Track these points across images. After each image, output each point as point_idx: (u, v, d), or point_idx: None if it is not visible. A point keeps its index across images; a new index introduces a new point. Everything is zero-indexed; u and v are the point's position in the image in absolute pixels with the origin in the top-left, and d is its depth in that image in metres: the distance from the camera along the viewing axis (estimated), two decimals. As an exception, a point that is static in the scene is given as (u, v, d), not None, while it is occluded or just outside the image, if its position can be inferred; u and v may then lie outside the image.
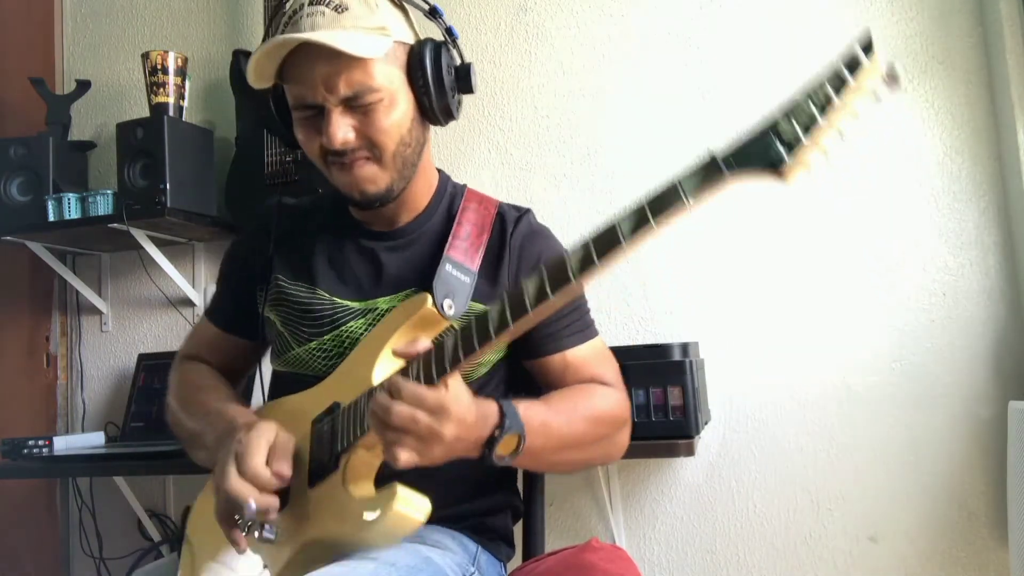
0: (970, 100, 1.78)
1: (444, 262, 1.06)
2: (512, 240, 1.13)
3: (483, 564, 1.11)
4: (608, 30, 2.04)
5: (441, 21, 1.12)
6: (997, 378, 1.73)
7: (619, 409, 1.09)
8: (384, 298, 1.11)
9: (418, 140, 1.08)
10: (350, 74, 0.99)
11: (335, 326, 1.11)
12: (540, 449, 0.94)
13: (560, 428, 0.97)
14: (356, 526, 0.88)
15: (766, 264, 1.88)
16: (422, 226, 1.15)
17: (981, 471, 1.73)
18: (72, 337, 2.42)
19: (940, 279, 1.78)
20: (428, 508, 0.87)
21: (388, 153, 1.04)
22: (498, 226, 1.15)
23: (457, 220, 1.13)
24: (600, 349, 1.15)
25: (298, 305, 1.13)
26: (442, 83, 1.06)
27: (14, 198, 2.13)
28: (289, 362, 1.14)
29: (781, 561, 1.83)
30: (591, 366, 1.11)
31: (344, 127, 1.01)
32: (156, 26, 2.42)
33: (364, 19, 1.01)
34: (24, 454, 1.91)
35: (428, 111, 1.07)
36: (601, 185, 2.02)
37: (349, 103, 1.01)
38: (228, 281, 1.26)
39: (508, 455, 0.90)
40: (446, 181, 1.21)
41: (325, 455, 0.97)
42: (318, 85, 1.00)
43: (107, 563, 2.26)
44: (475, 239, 1.12)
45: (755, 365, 1.87)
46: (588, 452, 1.05)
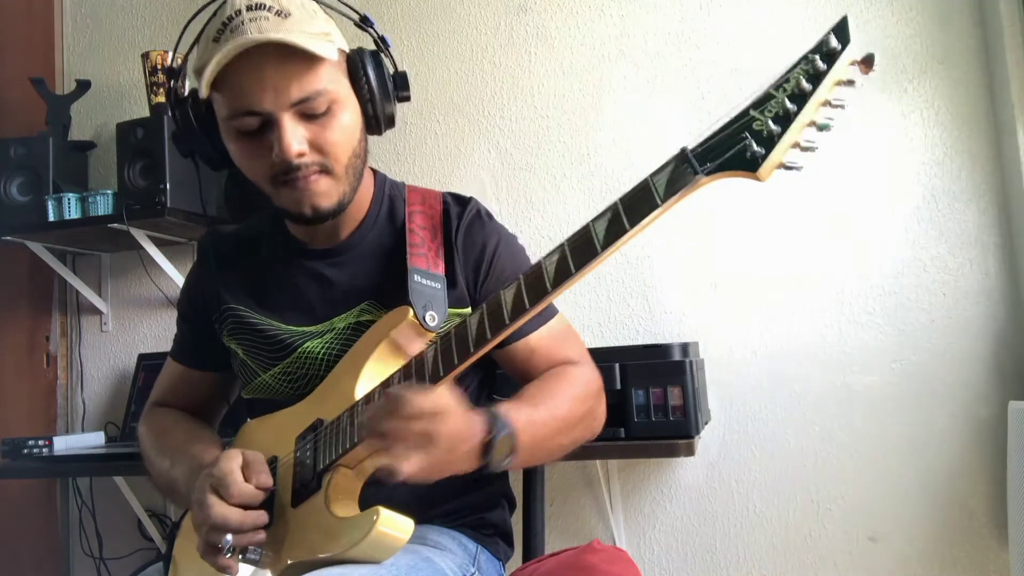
0: (970, 100, 1.78)
1: (411, 273, 1.03)
2: (456, 237, 1.10)
3: (483, 564, 1.11)
4: (608, 30, 2.04)
5: (374, 30, 1.08)
6: (997, 378, 1.73)
7: (592, 384, 1.08)
8: (339, 316, 1.09)
9: (365, 150, 1.06)
10: (301, 78, 0.95)
11: (293, 349, 1.09)
12: (531, 444, 0.93)
13: (544, 419, 0.96)
14: (339, 547, 0.87)
15: (766, 264, 1.88)
16: (365, 237, 1.12)
17: (981, 471, 1.73)
18: (72, 337, 2.42)
19: (940, 279, 1.78)
20: (411, 528, 0.86)
21: (341, 165, 1.01)
22: (446, 222, 1.12)
23: (408, 228, 1.09)
24: (562, 328, 1.13)
25: (256, 332, 1.12)
26: (386, 90, 1.04)
27: (14, 198, 2.13)
28: (257, 389, 1.13)
29: (781, 561, 1.83)
30: (556, 348, 1.10)
31: (297, 137, 0.96)
32: (156, 26, 2.42)
33: (307, 24, 0.97)
34: (24, 454, 1.91)
35: (371, 119, 1.04)
36: (601, 185, 2.02)
37: (300, 112, 0.97)
38: (186, 318, 1.24)
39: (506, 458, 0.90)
40: (383, 183, 1.17)
41: (308, 474, 0.96)
42: (267, 90, 0.95)
43: (107, 563, 2.26)
44: (431, 242, 1.09)
45: (755, 365, 1.87)
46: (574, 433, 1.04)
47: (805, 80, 0.65)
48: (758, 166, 0.66)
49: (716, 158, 0.68)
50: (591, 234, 0.75)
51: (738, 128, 0.67)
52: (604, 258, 0.74)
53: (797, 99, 0.65)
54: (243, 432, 1.14)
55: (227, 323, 1.15)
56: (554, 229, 2.03)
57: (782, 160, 0.66)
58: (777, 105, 0.65)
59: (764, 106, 0.66)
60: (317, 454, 0.96)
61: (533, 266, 0.80)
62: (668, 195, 0.70)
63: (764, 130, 0.65)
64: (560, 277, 0.77)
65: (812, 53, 0.65)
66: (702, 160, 0.69)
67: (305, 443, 0.99)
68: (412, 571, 0.93)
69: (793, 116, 0.64)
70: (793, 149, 0.66)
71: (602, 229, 0.74)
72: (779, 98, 0.65)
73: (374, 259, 1.10)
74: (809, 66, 0.65)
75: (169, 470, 1.09)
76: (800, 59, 0.66)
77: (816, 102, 0.65)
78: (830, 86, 0.65)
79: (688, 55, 1.97)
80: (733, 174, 0.68)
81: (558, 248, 0.78)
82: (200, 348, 1.22)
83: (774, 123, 0.65)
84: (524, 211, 2.07)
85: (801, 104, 0.65)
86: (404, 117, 2.16)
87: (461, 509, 1.12)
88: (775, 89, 0.66)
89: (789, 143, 0.65)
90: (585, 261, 0.75)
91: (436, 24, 2.17)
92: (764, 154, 0.66)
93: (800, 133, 0.65)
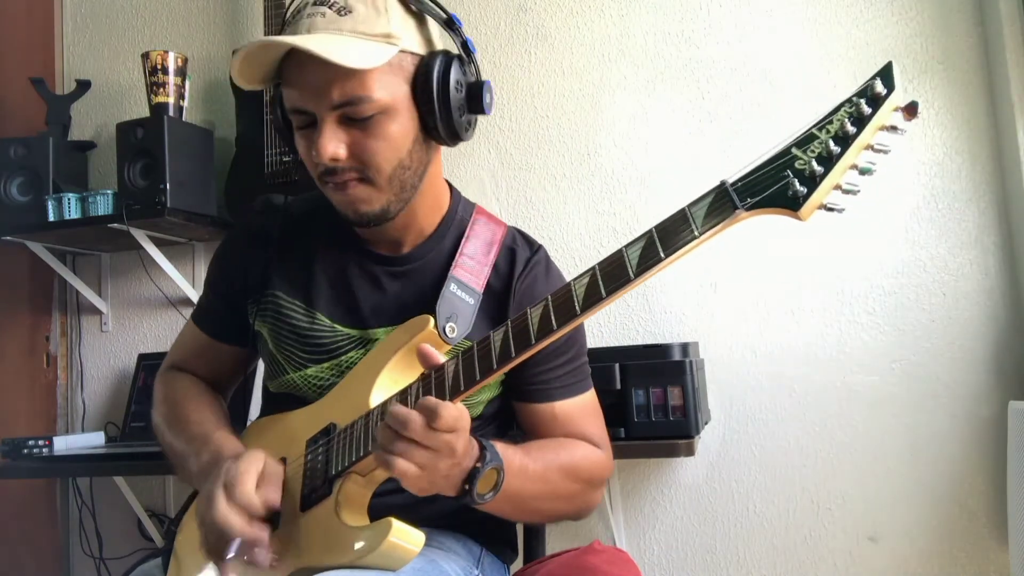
0: (970, 100, 1.78)
1: (449, 282, 1.01)
2: (518, 284, 1.06)
3: (487, 567, 1.10)
4: (608, 30, 2.04)
5: (458, 33, 1.01)
6: (997, 378, 1.73)
7: (598, 468, 1.06)
8: (383, 328, 1.06)
9: (420, 161, 1.00)
10: (344, 82, 0.92)
11: (334, 355, 1.06)
12: (516, 492, 0.91)
13: (536, 473, 0.95)
14: (347, 556, 0.86)
15: (766, 264, 1.88)
16: (428, 253, 1.08)
17: (981, 471, 1.73)
18: (72, 337, 2.42)
19: (940, 279, 1.78)
20: (422, 541, 0.85)
21: (383, 176, 0.97)
22: (506, 255, 1.08)
23: (465, 235, 1.07)
24: (590, 404, 1.10)
25: (294, 326, 1.08)
26: (448, 100, 0.96)
27: (14, 198, 2.13)
28: (283, 385, 1.10)
29: (781, 561, 1.84)
30: (578, 421, 1.07)
31: (335, 141, 0.93)
32: (156, 26, 2.42)
33: (368, 24, 0.93)
34: (24, 454, 1.91)
35: (433, 130, 0.98)
36: (601, 185, 2.02)
37: (343, 115, 0.94)
38: (218, 286, 1.18)
39: (487, 493, 0.88)
40: (457, 202, 1.13)
41: (319, 479, 0.94)
42: (309, 91, 0.93)
43: (107, 563, 2.25)
44: (482, 257, 1.06)
45: (755, 365, 1.87)
46: (560, 504, 1.02)
47: (849, 123, 0.64)
48: (800, 205, 0.66)
49: (757, 194, 0.68)
50: (624, 260, 0.74)
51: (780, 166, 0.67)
52: (636, 284, 0.73)
53: (841, 141, 0.64)
54: (252, 428, 1.12)
55: (266, 309, 1.10)
56: (554, 229, 2.03)
57: (824, 201, 0.66)
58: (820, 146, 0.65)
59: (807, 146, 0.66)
60: (329, 459, 0.94)
61: (562, 287, 0.78)
62: (706, 227, 0.70)
63: (807, 169, 0.65)
64: (590, 301, 0.75)
65: (857, 96, 0.65)
66: (742, 195, 0.69)
67: (317, 447, 0.97)
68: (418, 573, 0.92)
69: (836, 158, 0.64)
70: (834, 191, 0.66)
71: (636, 256, 0.73)
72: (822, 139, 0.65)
73: (432, 278, 1.06)
74: (854, 109, 0.65)
75: (185, 446, 1.06)
76: (845, 101, 0.66)
77: (859, 145, 0.65)
78: (874, 130, 0.65)
79: (688, 55, 1.97)
80: (774, 211, 0.67)
81: (589, 271, 0.77)
82: (227, 321, 1.16)
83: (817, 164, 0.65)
84: (524, 211, 2.07)
85: (845, 146, 0.64)
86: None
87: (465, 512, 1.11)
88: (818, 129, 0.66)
89: (831, 184, 0.65)
90: (617, 287, 0.74)
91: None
92: (806, 194, 0.65)
93: (842, 175, 0.65)
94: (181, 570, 1.04)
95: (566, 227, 2.02)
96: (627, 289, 0.73)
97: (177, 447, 1.09)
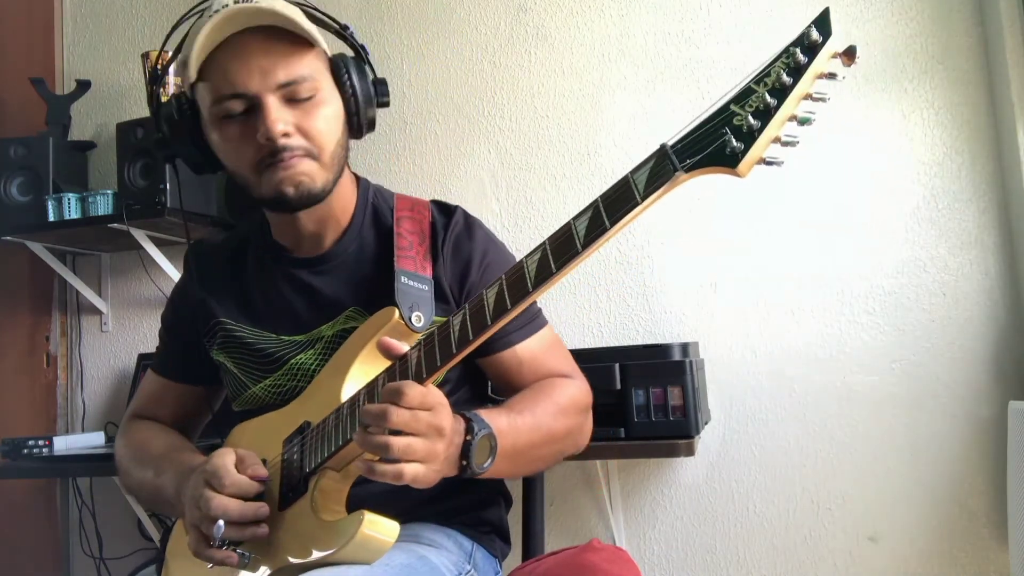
0: (970, 100, 1.78)
1: (398, 275, 1.03)
2: (443, 248, 1.10)
3: (479, 561, 1.11)
4: (608, 30, 2.04)
5: (354, 38, 1.09)
6: (997, 378, 1.73)
7: (581, 396, 1.08)
8: (326, 325, 1.08)
9: (346, 147, 1.06)
10: (288, 61, 0.96)
11: (283, 362, 1.09)
12: (512, 450, 0.92)
13: (527, 425, 0.96)
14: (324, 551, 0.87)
15: (766, 264, 1.88)
16: (349, 245, 1.11)
17: (981, 471, 1.73)
18: (72, 337, 2.42)
19: (940, 279, 1.78)
20: (396, 531, 0.86)
21: (327, 153, 1.01)
22: (433, 233, 1.11)
23: (396, 232, 1.09)
24: (550, 340, 1.13)
25: (246, 344, 1.12)
26: (368, 93, 1.05)
27: (14, 198, 2.13)
28: (247, 401, 1.13)
29: (781, 561, 1.83)
30: (544, 359, 1.09)
31: (284, 118, 0.97)
32: (156, 26, 2.42)
33: (295, 16, 0.98)
34: (24, 454, 1.92)
35: (353, 119, 1.05)
36: (601, 185, 1.99)
37: (285, 96, 0.97)
38: (171, 331, 1.24)
39: (486, 460, 0.89)
40: (366, 189, 1.16)
41: (295, 477, 0.96)
42: (252, 71, 0.95)
43: (107, 563, 2.25)
44: (419, 246, 1.09)
45: (755, 365, 1.87)
46: (559, 445, 1.04)
47: (786, 73, 0.63)
48: (738, 162, 0.65)
49: (696, 154, 0.67)
50: (572, 232, 0.74)
51: (718, 123, 0.66)
52: (585, 256, 0.73)
53: (777, 93, 0.63)
54: (232, 435, 1.14)
55: (217, 337, 1.15)
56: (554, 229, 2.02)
57: (762, 155, 0.65)
58: (757, 100, 0.64)
59: (744, 101, 0.65)
60: (304, 457, 0.95)
61: (515, 266, 0.79)
62: (648, 192, 0.70)
63: (744, 125, 0.64)
64: (541, 276, 0.76)
65: (793, 46, 0.64)
66: (682, 156, 0.68)
67: (292, 445, 0.99)
68: (407, 569, 0.93)
69: (773, 110, 0.63)
70: (774, 144, 0.65)
71: (583, 227, 0.74)
72: (759, 92, 0.64)
73: (359, 266, 1.10)
74: (790, 59, 0.64)
75: (154, 478, 1.09)
76: (781, 52, 0.64)
77: (797, 96, 0.63)
78: (811, 79, 0.63)
79: (688, 55, 1.97)
80: (713, 170, 0.67)
81: (540, 247, 0.77)
82: (186, 361, 1.21)
83: (754, 118, 0.64)
84: (524, 211, 2.07)
85: (781, 98, 0.63)
86: (404, 117, 2.16)
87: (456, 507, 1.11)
88: (755, 83, 0.65)
89: (769, 138, 0.64)
90: (566, 260, 0.74)
91: (436, 24, 2.17)
92: (743, 149, 0.64)
93: (781, 128, 0.64)
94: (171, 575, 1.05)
95: (566, 227, 2.02)
96: (577, 262, 0.73)
97: (148, 480, 1.11)
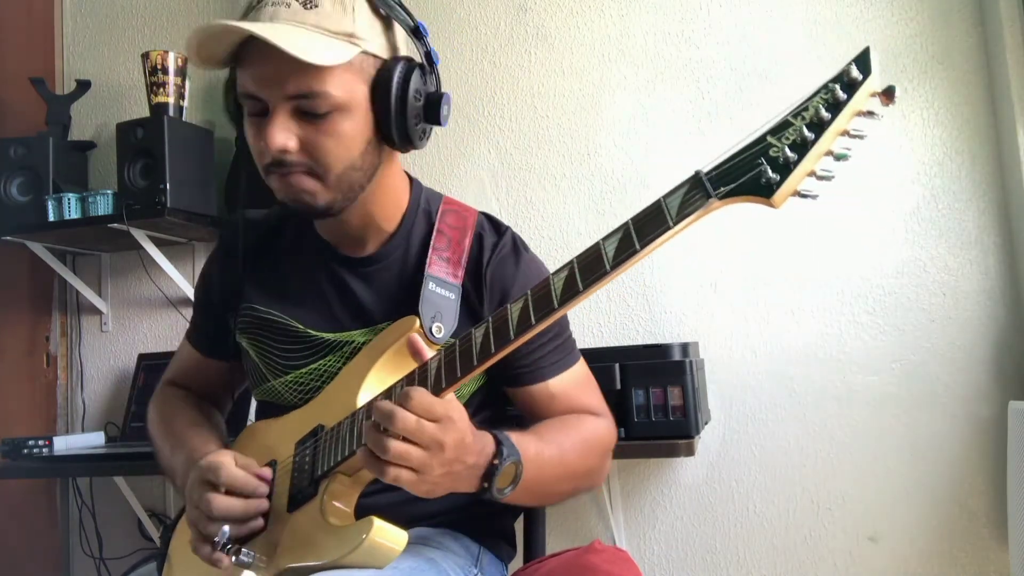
0: (970, 100, 1.78)
1: (427, 280, 1.00)
2: (487, 270, 1.05)
3: (485, 565, 1.10)
4: (608, 30, 2.04)
5: (423, 42, 0.99)
6: (997, 378, 1.73)
7: (608, 438, 1.07)
8: (359, 331, 1.05)
9: (371, 163, 0.98)
10: (300, 76, 0.90)
11: (311, 360, 1.07)
12: (534, 480, 0.90)
13: (552, 458, 0.94)
14: (331, 556, 0.86)
15: (766, 264, 1.88)
16: (394, 251, 1.07)
17: (981, 471, 1.73)
18: (72, 337, 2.42)
19: (940, 279, 1.78)
20: (405, 540, 0.85)
21: (332, 174, 0.95)
22: (476, 244, 1.07)
23: (436, 228, 1.05)
24: (583, 375, 1.10)
25: (272, 334, 1.09)
26: (405, 107, 0.95)
27: (14, 198, 2.13)
28: (265, 392, 1.11)
29: (781, 561, 1.84)
30: (576, 395, 1.07)
31: (286, 132, 0.92)
32: (156, 26, 2.42)
33: (332, 21, 0.91)
34: (24, 454, 1.92)
35: (387, 134, 0.96)
36: (601, 185, 2.02)
37: (297, 107, 0.92)
38: (203, 305, 1.21)
39: (507, 487, 0.87)
40: (419, 196, 1.10)
41: (305, 480, 0.95)
42: (264, 79, 0.92)
43: (107, 563, 2.26)
44: (455, 247, 1.05)
45: (755, 365, 1.87)
46: (576, 483, 1.02)
47: (824, 109, 0.64)
48: (772, 192, 0.65)
49: (730, 182, 0.67)
50: (601, 252, 0.74)
51: (754, 154, 0.67)
52: (613, 277, 0.74)
53: (815, 127, 0.64)
54: (244, 435, 1.13)
55: (243, 320, 1.12)
56: (554, 229, 2.03)
57: (797, 188, 0.66)
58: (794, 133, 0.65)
59: (781, 133, 0.66)
60: (316, 460, 0.95)
61: (541, 282, 0.78)
62: (680, 217, 0.70)
63: (780, 157, 0.65)
64: (568, 294, 0.76)
65: (832, 82, 0.65)
66: (716, 184, 0.68)
67: (304, 448, 0.98)
68: (415, 572, 0.93)
69: (810, 144, 0.64)
70: (809, 178, 0.66)
71: (612, 248, 0.73)
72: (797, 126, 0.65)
73: (400, 276, 1.06)
74: (829, 95, 0.64)
75: (170, 456, 1.09)
76: (820, 88, 0.65)
77: (834, 131, 0.64)
78: (849, 116, 0.64)
79: (688, 55, 1.97)
80: (747, 199, 0.67)
81: (567, 265, 0.77)
82: (216, 338, 1.19)
83: (791, 150, 0.65)
84: (524, 211, 2.07)
85: (819, 133, 0.64)
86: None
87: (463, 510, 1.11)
88: (793, 116, 0.66)
89: (805, 171, 0.65)
90: (594, 279, 0.74)
91: (436, 24, 2.17)
92: (779, 181, 0.65)
93: (816, 162, 0.65)
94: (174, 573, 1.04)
95: (566, 227, 2.02)
96: (604, 282, 0.74)
97: (165, 455, 1.12)
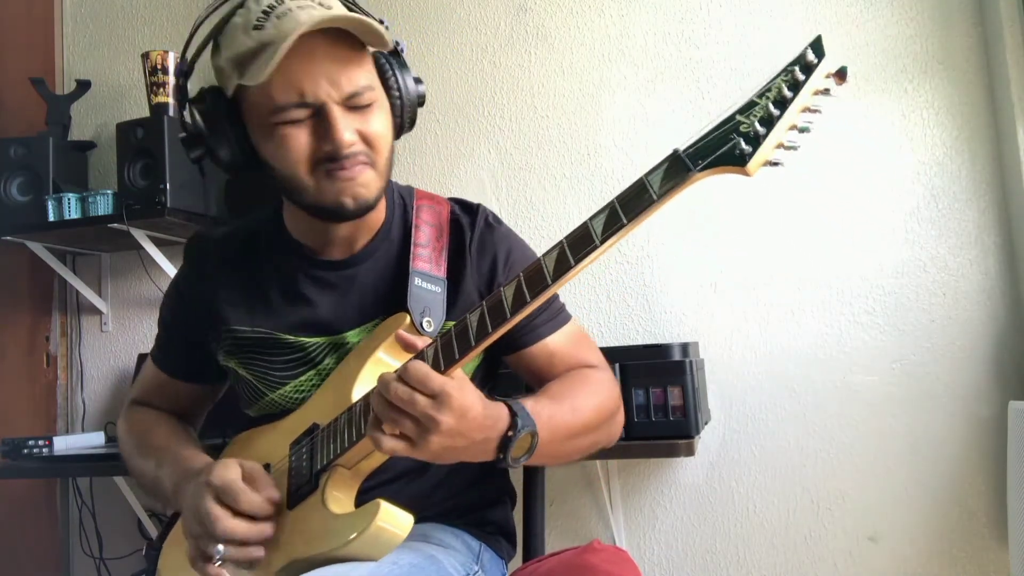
0: (970, 100, 1.78)
1: (412, 276, 1.02)
2: (470, 251, 1.08)
3: (486, 562, 1.10)
4: (608, 30, 2.04)
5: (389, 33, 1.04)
6: (997, 378, 1.73)
7: (614, 389, 1.08)
8: (352, 331, 1.06)
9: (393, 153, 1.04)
10: (352, 71, 0.95)
11: (308, 367, 1.06)
12: (549, 443, 0.91)
13: (566, 418, 0.95)
14: (337, 543, 0.86)
15: (766, 264, 1.88)
16: (376, 250, 1.08)
17: (981, 471, 1.73)
18: (72, 337, 2.42)
19: (940, 279, 1.78)
20: (411, 523, 0.85)
21: (383, 159, 0.99)
22: (455, 232, 1.09)
23: (414, 224, 1.07)
24: (578, 332, 1.12)
25: (263, 350, 1.07)
26: (412, 92, 1.03)
27: (14, 198, 2.13)
28: (265, 407, 1.09)
29: (781, 561, 1.83)
30: (575, 352, 1.09)
31: (350, 128, 0.95)
32: (156, 26, 2.42)
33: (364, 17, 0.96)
34: (24, 454, 1.91)
35: (398, 120, 1.03)
36: (601, 185, 2.02)
37: (348, 103, 0.95)
38: (169, 328, 1.18)
39: (523, 455, 0.88)
40: (392, 189, 1.13)
41: (304, 476, 0.95)
42: (320, 80, 0.93)
43: (107, 563, 2.25)
44: (435, 242, 1.07)
45: (755, 365, 1.87)
46: (592, 436, 1.03)
47: (787, 88, 0.72)
48: (747, 161, 0.71)
49: (707, 156, 0.73)
50: (589, 230, 0.77)
51: (727, 130, 0.73)
52: (603, 251, 0.77)
53: (780, 104, 0.71)
54: (236, 441, 1.13)
55: (226, 343, 1.09)
56: (554, 229, 2.03)
57: (768, 157, 0.72)
58: (762, 110, 0.72)
59: (749, 111, 0.73)
60: (314, 455, 0.95)
61: (532, 262, 0.81)
62: (663, 192, 0.74)
63: (751, 131, 0.71)
64: (560, 270, 0.78)
65: (792, 65, 0.73)
66: (694, 159, 0.74)
67: (300, 447, 0.98)
68: (416, 569, 0.92)
69: (776, 119, 0.71)
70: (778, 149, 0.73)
71: (599, 225, 0.77)
72: (763, 103, 0.72)
73: (387, 269, 1.07)
74: (789, 76, 0.72)
75: (155, 470, 1.08)
76: (781, 71, 0.73)
77: (797, 107, 0.72)
78: (809, 94, 0.72)
79: (688, 55, 1.97)
80: (724, 170, 0.73)
81: (556, 245, 0.79)
82: (185, 359, 1.17)
83: (760, 124, 0.71)
84: (524, 211, 2.07)
85: (783, 108, 0.71)
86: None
87: (463, 507, 1.11)
88: (758, 97, 0.73)
89: (774, 142, 0.72)
90: (584, 254, 0.77)
91: (436, 24, 2.17)
92: (752, 151, 0.71)
93: (784, 134, 0.72)
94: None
95: (566, 227, 2.01)
96: (595, 256, 0.77)
97: (150, 470, 1.09)
